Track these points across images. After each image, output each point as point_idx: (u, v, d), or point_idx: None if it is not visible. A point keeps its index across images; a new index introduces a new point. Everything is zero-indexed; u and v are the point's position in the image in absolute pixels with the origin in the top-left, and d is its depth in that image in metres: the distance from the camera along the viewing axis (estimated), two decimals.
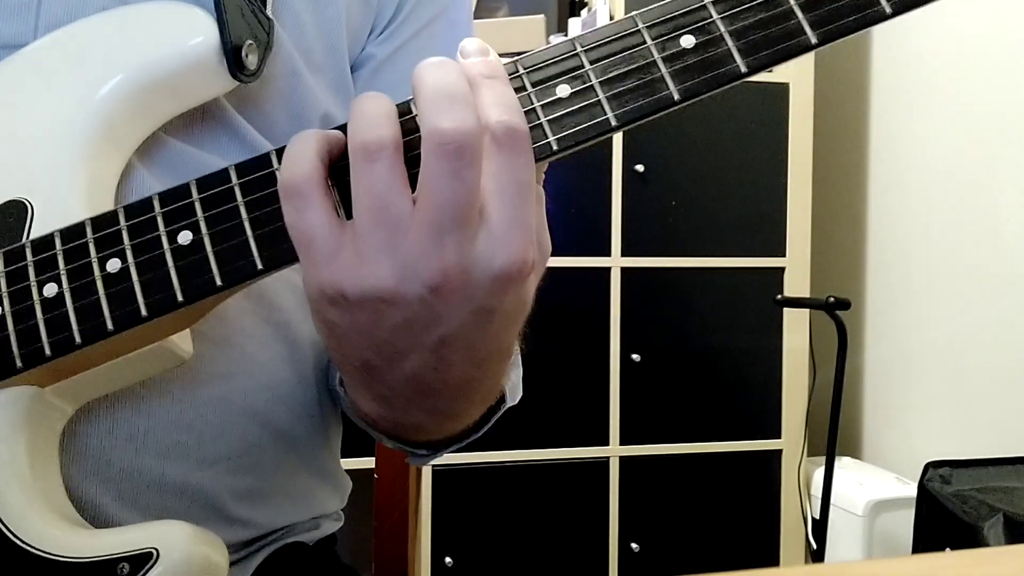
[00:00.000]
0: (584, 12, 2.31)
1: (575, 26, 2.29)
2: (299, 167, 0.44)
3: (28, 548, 0.48)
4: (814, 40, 0.46)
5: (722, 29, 0.46)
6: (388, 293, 0.44)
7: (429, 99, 0.44)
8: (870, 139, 2.34)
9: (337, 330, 0.47)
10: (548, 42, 2.21)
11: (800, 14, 0.46)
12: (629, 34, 0.47)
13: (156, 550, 0.47)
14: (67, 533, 0.49)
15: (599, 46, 0.47)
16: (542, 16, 2.18)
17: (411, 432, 0.60)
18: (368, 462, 0.95)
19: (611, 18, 2.14)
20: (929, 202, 2.11)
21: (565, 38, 0.48)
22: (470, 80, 0.45)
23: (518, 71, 0.47)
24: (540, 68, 0.47)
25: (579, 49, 0.47)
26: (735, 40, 0.46)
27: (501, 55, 0.47)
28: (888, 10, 0.46)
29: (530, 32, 2.15)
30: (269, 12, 0.61)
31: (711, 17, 0.47)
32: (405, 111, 0.46)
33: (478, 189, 0.43)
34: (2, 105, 0.57)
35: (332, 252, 0.44)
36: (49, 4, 0.59)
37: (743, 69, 0.46)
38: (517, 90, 0.46)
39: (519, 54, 0.48)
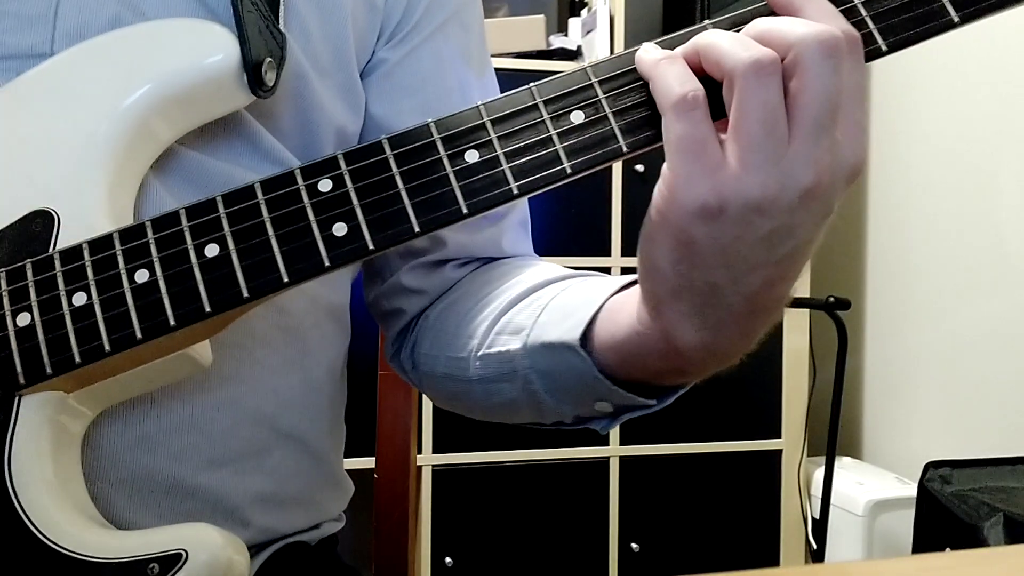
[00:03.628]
0: (584, 12, 2.31)
1: (575, 26, 2.29)
2: (692, 82, 0.46)
3: (59, 549, 0.49)
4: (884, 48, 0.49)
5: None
6: (768, 201, 0.45)
7: (794, 20, 0.46)
8: (870, 139, 2.35)
9: (695, 248, 0.47)
10: (548, 43, 2.22)
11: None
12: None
13: (185, 551, 0.48)
14: (96, 534, 0.50)
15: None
16: (542, 16, 2.18)
17: (714, 363, 0.57)
18: (368, 462, 0.95)
19: (611, 19, 2.14)
20: (929, 202, 2.11)
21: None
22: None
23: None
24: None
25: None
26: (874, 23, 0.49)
27: (501, 55, 0.49)
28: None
29: (530, 32, 2.15)
30: (281, 26, 0.62)
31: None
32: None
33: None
34: (28, 114, 0.58)
35: (719, 162, 0.45)
36: (64, 14, 0.60)
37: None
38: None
39: (519, 54, 0.49)
